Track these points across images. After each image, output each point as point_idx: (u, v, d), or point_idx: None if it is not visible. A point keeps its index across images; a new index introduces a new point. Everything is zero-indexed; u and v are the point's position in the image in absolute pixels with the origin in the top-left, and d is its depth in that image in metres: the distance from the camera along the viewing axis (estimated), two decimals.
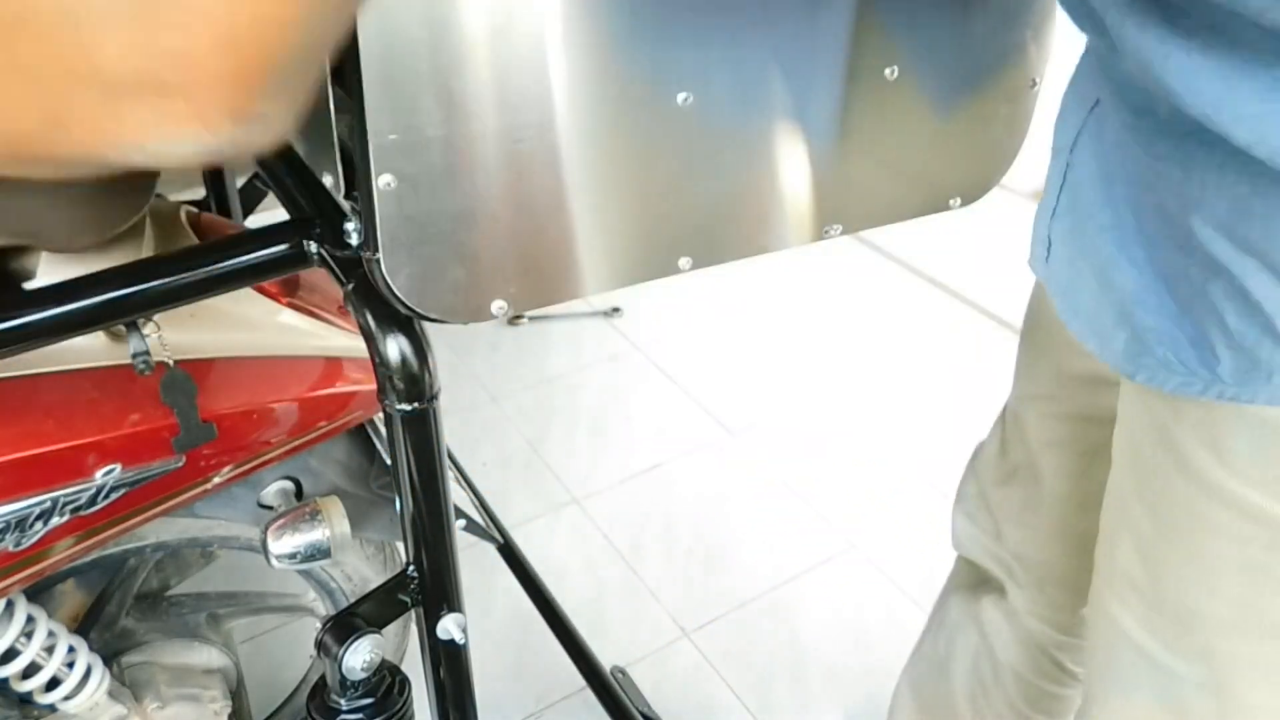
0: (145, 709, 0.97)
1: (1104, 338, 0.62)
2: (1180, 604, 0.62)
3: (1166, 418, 0.60)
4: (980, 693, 1.02)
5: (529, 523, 1.77)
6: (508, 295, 0.60)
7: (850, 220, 0.70)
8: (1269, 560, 0.56)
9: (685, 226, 0.64)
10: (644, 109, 0.59)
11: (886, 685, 1.26)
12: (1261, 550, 0.56)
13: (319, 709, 0.72)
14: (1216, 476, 0.57)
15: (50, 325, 0.59)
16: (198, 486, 0.82)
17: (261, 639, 1.47)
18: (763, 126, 0.64)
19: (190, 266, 0.63)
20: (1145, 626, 0.65)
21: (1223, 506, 0.57)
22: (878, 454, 1.96)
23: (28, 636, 0.85)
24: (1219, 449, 0.56)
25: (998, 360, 2.23)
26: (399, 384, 0.63)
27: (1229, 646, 0.61)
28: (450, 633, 0.73)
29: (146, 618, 1.04)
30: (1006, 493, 0.92)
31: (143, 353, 0.72)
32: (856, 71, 0.65)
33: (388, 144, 0.52)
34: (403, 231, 0.55)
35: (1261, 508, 0.55)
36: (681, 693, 1.49)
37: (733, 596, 1.65)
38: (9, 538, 0.71)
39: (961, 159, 0.74)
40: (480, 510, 1.40)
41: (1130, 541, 0.66)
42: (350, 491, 0.97)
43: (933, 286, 2.50)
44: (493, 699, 1.39)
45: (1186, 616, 0.62)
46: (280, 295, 0.86)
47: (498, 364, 2.17)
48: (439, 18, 0.51)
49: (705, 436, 1.99)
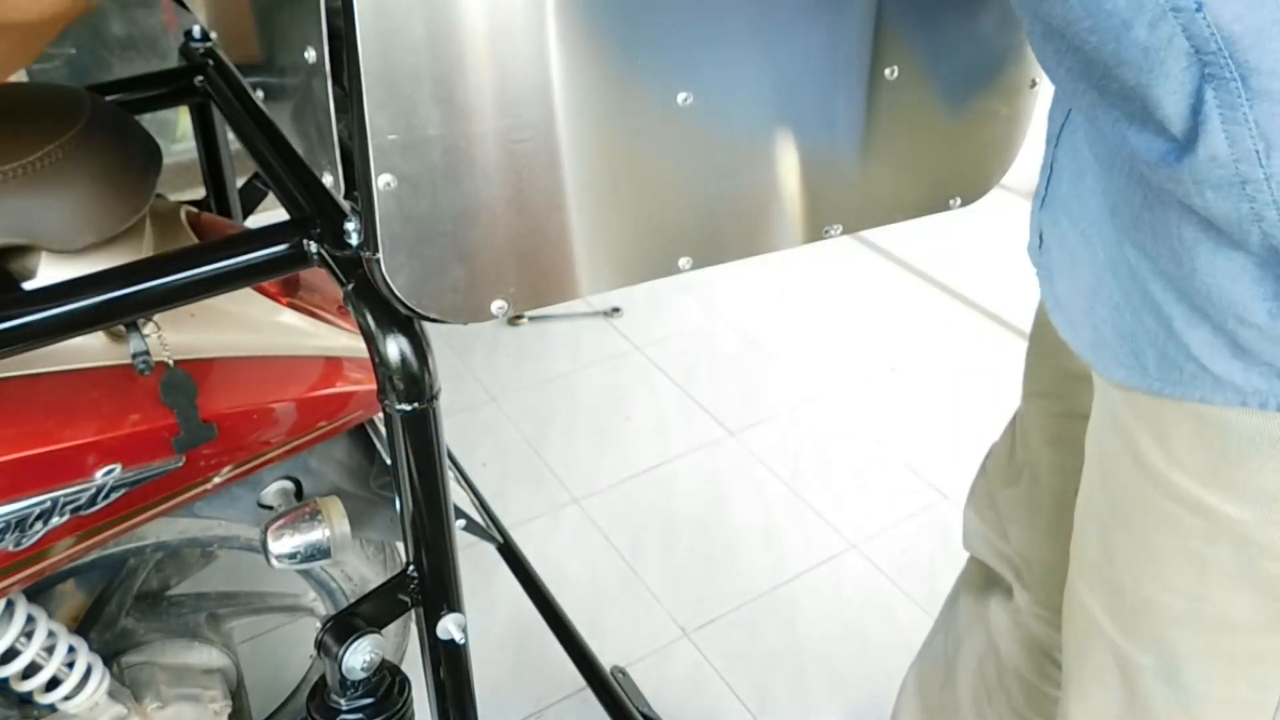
0: (145, 709, 0.97)
1: (1075, 327, 0.63)
2: (1136, 594, 0.63)
3: (1123, 409, 0.61)
4: (984, 695, 1.02)
5: (529, 523, 1.77)
6: (508, 295, 0.60)
7: (850, 220, 0.70)
8: (1209, 552, 0.57)
9: (685, 226, 0.64)
10: (644, 109, 0.59)
11: (887, 685, 1.26)
12: (1201, 542, 0.57)
13: (319, 709, 0.72)
14: (1161, 467, 0.58)
15: (50, 325, 0.59)
16: (198, 486, 0.82)
17: (261, 639, 1.47)
18: (762, 126, 0.64)
19: (190, 266, 0.63)
20: (1110, 615, 0.66)
21: (1167, 498, 0.58)
22: (878, 454, 1.96)
23: (28, 636, 0.85)
24: (1163, 440, 0.57)
25: (998, 361, 2.23)
26: (399, 384, 0.63)
27: (1179, 637, 0.61)
28: (450, 633, 0.73)
29: (146, 618, 1.04)
30: (1012, 492, 0.93)
31: (143, 353, 0.72)
32: (856, 71, 0.65)
33: (388, 144, 0.52)
34: (403, 231, 0.55)
35: (1199, 499, 0.56)
36: (681, 693, 1.49)
37: (733, 596, 1.65)
38: (9, 538, 0.71)
39: (961, 159, 0.74)
40: (480, 510, 1.40)
41: (1095, 531, 0.67)
42: (350, 491, 0.97)
43: (933, 286, 2.50)
44: (493, 699, 1.39)
45: (1142, 606, 0.63)
46: (280, 295, 0.86)
47: (498, 364, 2.17)
48: (439, 18, 0.51)
49: (705, 436, 1.99)
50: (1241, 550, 0.56)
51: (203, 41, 0.94)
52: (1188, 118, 0.45)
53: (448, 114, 0.53)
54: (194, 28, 0.93)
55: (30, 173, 0.66)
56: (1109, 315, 0.59)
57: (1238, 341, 0.51)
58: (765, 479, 1.89)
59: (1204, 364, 0.53)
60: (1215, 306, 0.51)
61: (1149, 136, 0.48)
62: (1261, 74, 0.42)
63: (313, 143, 0.61)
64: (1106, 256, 0.58)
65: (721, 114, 0.61)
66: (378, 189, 0.53)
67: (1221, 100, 0.43)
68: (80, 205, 0.68)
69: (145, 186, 0.74)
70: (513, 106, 0.54)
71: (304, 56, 0.56)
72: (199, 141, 1.03)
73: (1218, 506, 0.55)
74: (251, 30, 0.69)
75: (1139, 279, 0.55)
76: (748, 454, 1.95)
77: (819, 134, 0.66)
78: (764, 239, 0.68)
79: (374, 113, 0.51)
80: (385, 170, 0.53)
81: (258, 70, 0.70)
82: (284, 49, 0.61)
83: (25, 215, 0.66)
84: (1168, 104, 0.45)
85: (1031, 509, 0.90)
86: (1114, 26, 0.44)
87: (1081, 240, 0.61)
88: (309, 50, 0.56)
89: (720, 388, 2.13)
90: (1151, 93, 0.45)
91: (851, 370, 2.20)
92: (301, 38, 0.56)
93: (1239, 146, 0.44)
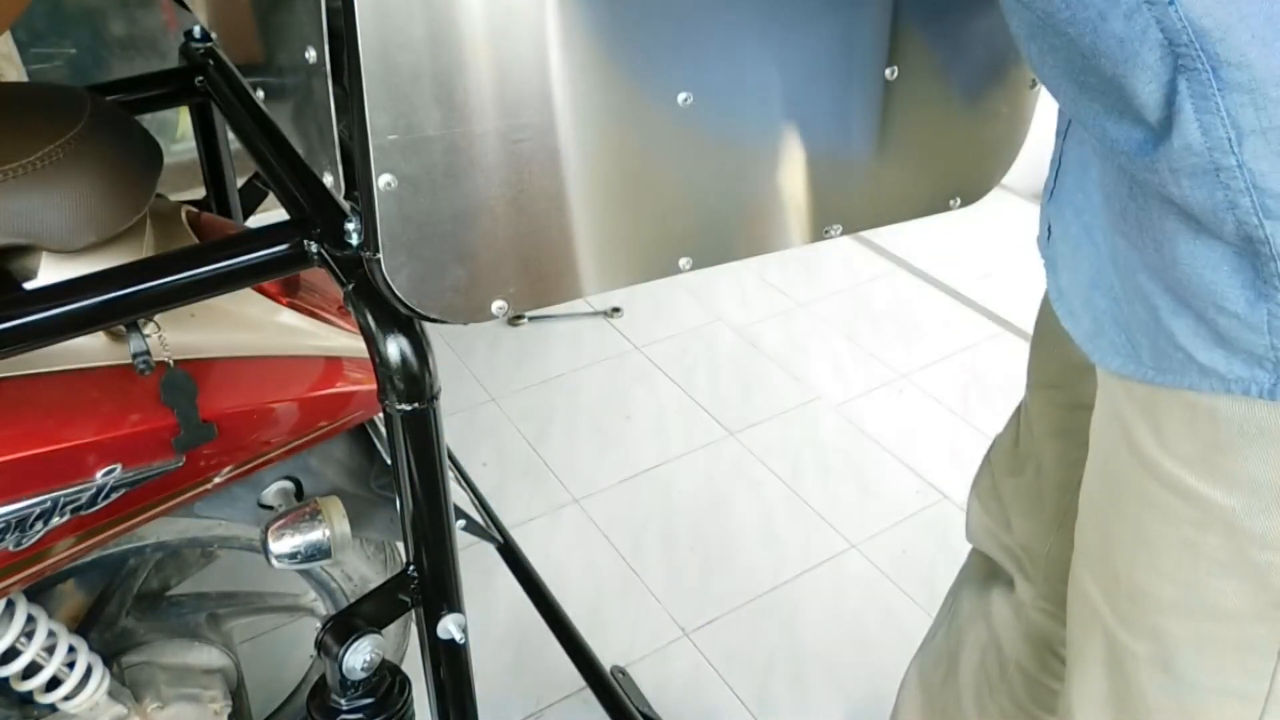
0: (145, 709, 0.97)
1: (1075, 317, 0.64)
2: (1131, 582, 0.64)
3: (1120, 397, 0.61)
4: (986, 688, 1.02)
5: (529, 523, 1.77)
6: (508, 295, 0.60)
7: (850, 220, 0.71)
8: (1200, 540, 0.57)
9: (685, 226, 0.64)
10: (644, 109, 0.59)
11: (887, 685, 1.26)
12: (1193, 530, 0.58)
13: (319, 709, 0.72)
14: (1155, 455, 0.58)
15: (50, 325, 0.59)
16: (198, 486, 0.82)
17: (261, 639, 1.47)
18: (762, 127, 0.64)
19: (190, 266, 0.63)
20: (1107, 603, 0.67)
21: (1160, 485, 0.59)
22: (878, 454, 1.96)
23: (28, 636, 0.85)
24: (1157, 428, 0.58)
25: (998, 360, 2.23)
26: (399, 384, 0.63)
27: (1173, 626, 0.61)
28: (450, 633, 0.73)
29: (146, 618, 1.04)
30: (1016, 484, 0.93)
31: (143, 353, 0.72)
32: (856, 71, 0.65)
33: (388, 144, 0.52)
34: (403, 231, 0.55)
35: (1191, 486, 0.56)
36: (681, 693, 1.49)
37: (732, 596, 1.65)
38: (9, 538, 0.71)
39: (961, 159, 0.74)
40: (480, 510, 1.40)
41: (1094, 520, 0.68)
42: (350, 491, 0.97)
43: (933, 286, 2.50)
44: (493, 699, 1.39)
45: (1136, 594, 0.63)
46: (280, 295, 0.86)
47: (498, 364, 2.17)
48: (439, 18, 0.51)
49: (705, 436, 1.99)
50: (1231, 538, 0.56)
51: (203, 41, 0.94)
52: (1163, 107, 0.46)
53: (448, 114, 0.53)
54: (194, 28, 0.93)
55: (30, 173, 0.66)
56: (1108, 305, 0.60)
57: (1218, 330, 0.51)
58: (765, 479, 1.89)
59: (1190, 352, 0.53)
60: (1196, 296, 0.51)
61: (1127, 127, 0.49)
62: (1230, 66, 0.44)
63: (313, 143, 0.61)
64: (1106, 247, 0.59)
65: (722, 115, 0.61)
66: (378, 189, 0.53)
67: (1194, 90, 0.45)
68: (80, 205, 0.68)
69: (145, 186, 0.73)
70: (513, 106, 0.54)
71: (304, 56, 0.56)
72: (199, 141, 1.03)
73: (1208, 494, 0.56)
74: (252, 30, 0.69)
75: (1129, 269, 0.56)
76: (748, 454, 1.95)
77: (819, 134, 0.66)
78: (764, 239, 0.68)
79: (374, 113, 0.51)
80: (385, 170, 0.53)
81: (258, 70, 0.70)
82: (284, 49, 0.61)
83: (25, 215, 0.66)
84: (1144, 94, 0.46)
85: (1036, 500, 0.90)
86: (1091, 18, 0.46)
87: (1084, 232, 0.62)
88: (309, 50, 0.56)
89: (720, 388, 2.13)
90: (1128, 83, 0.46)
91: (851, 370, 2.20)
92: (302, 38, 0.56)
93: (1212, 135, 0.45)
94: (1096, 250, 0.60)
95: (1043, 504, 0.90)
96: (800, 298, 2.44)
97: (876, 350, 2.26)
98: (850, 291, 2.48)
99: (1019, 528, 0.94)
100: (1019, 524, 0.94)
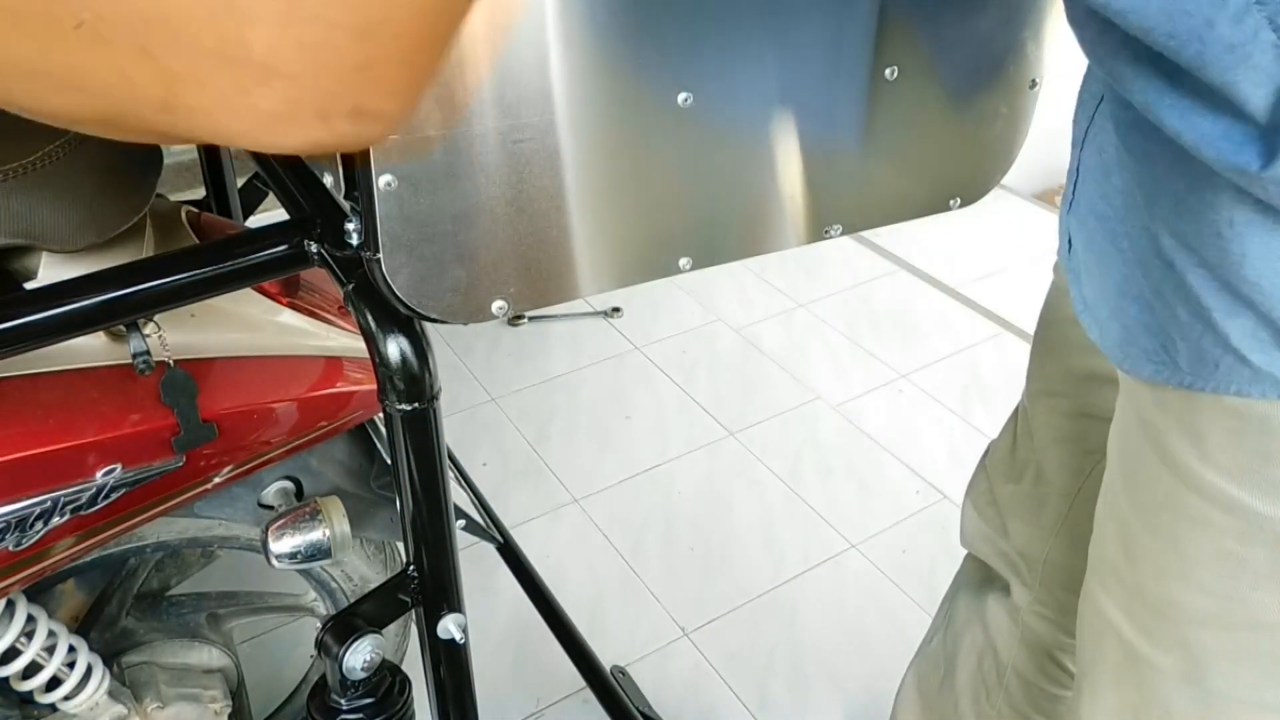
0: (145, 709, 0.97)
1: (1103, 327, 0.63)
2: (1159, 595, 0.62)
3: (1151, 407, 0.60)
4: (983, 693, 1.02)
5: (529, 523, 1.77)
6: (508, 295, 0.60)
7: (850, 220, 0.71)
8: (1243, 551, 0.56)
9: (685, 226, 0.64)
10: (644, 109, 0.59)
11: (886, 685, 1.26)
12: (1235, 541, 0.56)
13: (319, 709, 0.72)
14: (1193, 466, 0.57)
15: (50, 325, 0.59)
16: (198, 486, 0.82)
17: (261, 639, 1.47)
18: (762, 127, 0.64)
19: (190, 266, 0.63)
20: (1128, 617, 0.66)
21: (1199, 496, 0.57)
22: (877, 454, 1.96)
23: (28, 636, 0.85)
24: (1196, 438, 0.57)
25: (998, 360, 2.23)
26: (399, 384, 0.63)
27: (1206, 638, 0.60)
28: (450, 633, 0.73)
29: (146, 618, 1.04)
30: (1014, 490, 0.93)
31: (143, 353, 0.72)
32: (856, 72, 0.65)
33: (388, 144, 0.52)
34: (403, 231, 0.55)
35: (1234, 497, 0.55)
36: (681, 693, 1.49)
37: (732, 596, 1.65)
38: (9, 538, 0.71)
39: (961, 159, 0.74)
40: (480, 510, 1.40)
41: (1115, 531, 0.67)
42: (350, 491, 0.97)
43: (933, 286, 2.50)
44: (493, 699, 1.39)
45: (1166, 607, 0.62)
46: (280, 295, 0.86)
47: (498, 364, 2.17)
48: None
49: (705, 436, 1.99)
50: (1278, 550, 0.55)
51: None
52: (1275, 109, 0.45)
53: (448, 114, 0.53)
54: None
55: (30, 173, 0.66)
56: (1138, 312, 0.58)
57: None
58: (765, 479, 1.89)
59: (1243, 355, 0.52)
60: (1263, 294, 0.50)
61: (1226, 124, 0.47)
62: None
63: None
64: (1135, 252, 0.58)
65: (722, 115, 0.61)
66: (378, 189, 0.53)
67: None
68: (80, 205, 0.68)
69: (145, 186, 0.73)
70: (513, 106, 0.54)
71: None
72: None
73: (1254, 505, 0.54)
74: None
75: (1175, 270, 0.54)
76: (747, 454, 1.95)
77: (819, 134, 0.66)
78: (764, 239, 0.68)
79: None
80: (385, 170, 0.53)
81: None
82: None
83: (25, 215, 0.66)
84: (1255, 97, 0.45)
85: (1035, 506, 0.90)
86: (1196, 26, 0.44)
87: (1109, 239, 0.61)
88: None
89: (720, 388, 2.13)
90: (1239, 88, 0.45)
91: (851, 370, 2.20)
92: None
93: None
94: (1124, 257, 0.59)
95: (1042, 510, 0.89)
96: (800, 298, 2.44)
97: (876, 350, 2.26)
98: (850, 291, 2.48)
99: (1016, 533, 0.93)
100: (1016, 529, 0.93)
